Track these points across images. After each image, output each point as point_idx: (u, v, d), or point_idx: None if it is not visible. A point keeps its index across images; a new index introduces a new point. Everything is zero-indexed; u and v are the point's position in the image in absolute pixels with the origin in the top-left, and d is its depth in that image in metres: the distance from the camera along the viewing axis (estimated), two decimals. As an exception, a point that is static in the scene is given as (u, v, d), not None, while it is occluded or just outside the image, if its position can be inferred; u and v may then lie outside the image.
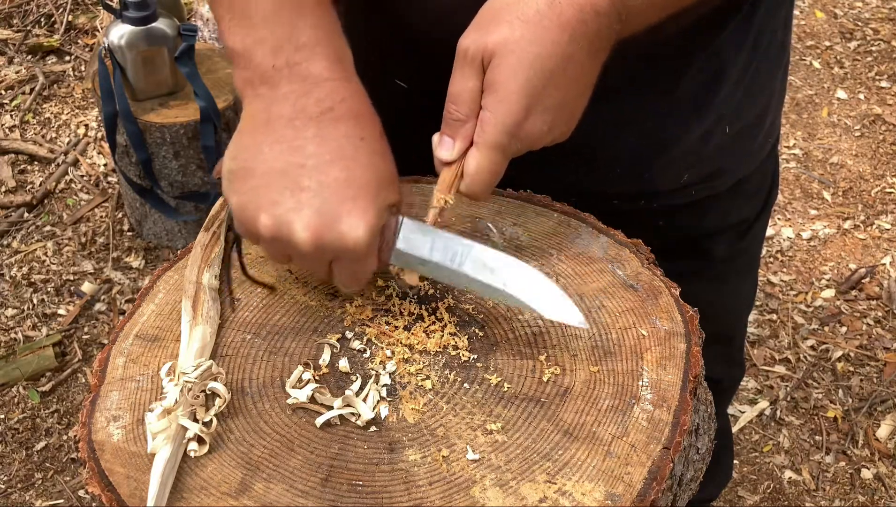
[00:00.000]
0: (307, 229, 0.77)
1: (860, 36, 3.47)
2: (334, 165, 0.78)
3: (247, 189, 0.80)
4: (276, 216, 0.78)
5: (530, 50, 0.78)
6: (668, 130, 1.04)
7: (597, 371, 0.82)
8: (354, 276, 0.83)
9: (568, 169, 1.03)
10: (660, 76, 1.00)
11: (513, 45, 0.77)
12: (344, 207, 0.77)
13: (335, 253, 0.79)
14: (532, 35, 0.77)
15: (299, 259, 0.82)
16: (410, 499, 0.73)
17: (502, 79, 0.78)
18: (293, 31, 0.80)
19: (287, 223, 0.78)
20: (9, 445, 2.16)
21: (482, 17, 0.80)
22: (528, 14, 0.77)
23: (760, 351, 2.38)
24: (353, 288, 0.86)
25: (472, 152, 0.82)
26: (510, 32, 0.78)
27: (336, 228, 0.77)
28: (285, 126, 0.79)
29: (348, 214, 0.77)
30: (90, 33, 3.35)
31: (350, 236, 0.77)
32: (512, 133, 0.80)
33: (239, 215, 0.81)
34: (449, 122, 0.82)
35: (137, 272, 2.55)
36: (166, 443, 0.75)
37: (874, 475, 2.11)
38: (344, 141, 0.79)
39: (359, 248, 0.78)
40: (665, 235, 1.03)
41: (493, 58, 0.78)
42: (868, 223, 2.73)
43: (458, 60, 0.80)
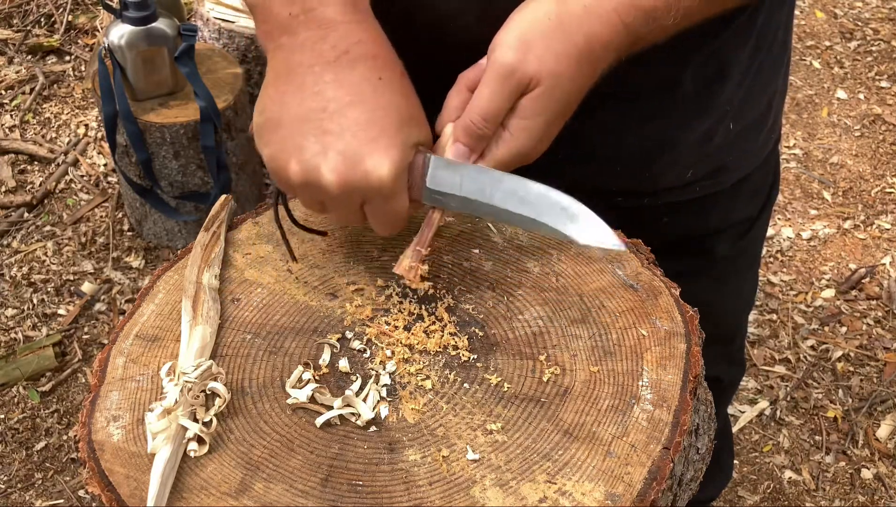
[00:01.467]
0: (333, 172, 0.78)
1: (860, 36, 3.47)
2: (354, 106, 0.79)
3: (275, 140, 0.82)
4: (303, 162, 0.79)
5: (566, 89, 0.80)
6: (672, 128, 1.04)
7: (597, 371, 0.82)
8: (387, 217, 0.83)
9: (571, 167, 1.03)
10: (663, 76, 1.00)
11: (555, 80, 0.79)
12: (367, 147, 0.78)
13: (363, 193, 0.80)
14: (571, 73, 0.80)
15: (331, 204, 0.83)
16: (410, 499, 0.73)
17: (536, 110, 0.81)
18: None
19: (314, 168, 0.79)
20: (9, 445, 2.16)
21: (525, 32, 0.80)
22: (569, 50, 0.79)
23: (760, 351, 2.38)
24: (389, 230, 0.86)
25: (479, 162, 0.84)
26: (556, 66, 0.79)
27: (361, 168, 0.78)
28: (305, 73, 0.80)
29: (371, 153, 0.78)
30: (90, 33, 3.35)
31: (375, 175, 0.78)
32: (521, 157, 0.83)
33: (271, 166, 0.83)
34: (472, 134, 0.82)
35: (137, 272, 2.55)
36: (166, 443, 0.75)
37: (874, 475, 2.11)
38: (362, 82, 0.80)
39: (385, 185, 0.79)
40: (668, 233, 1.03)
41: (537, 87, 0.80)
42: (868, 223, 2.73)
43: (500, 78, 0.79)
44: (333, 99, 0.79)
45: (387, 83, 0.81)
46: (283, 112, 0.81)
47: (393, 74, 0.82)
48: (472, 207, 0.85)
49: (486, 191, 0.83)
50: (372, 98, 0.80)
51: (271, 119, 0.82)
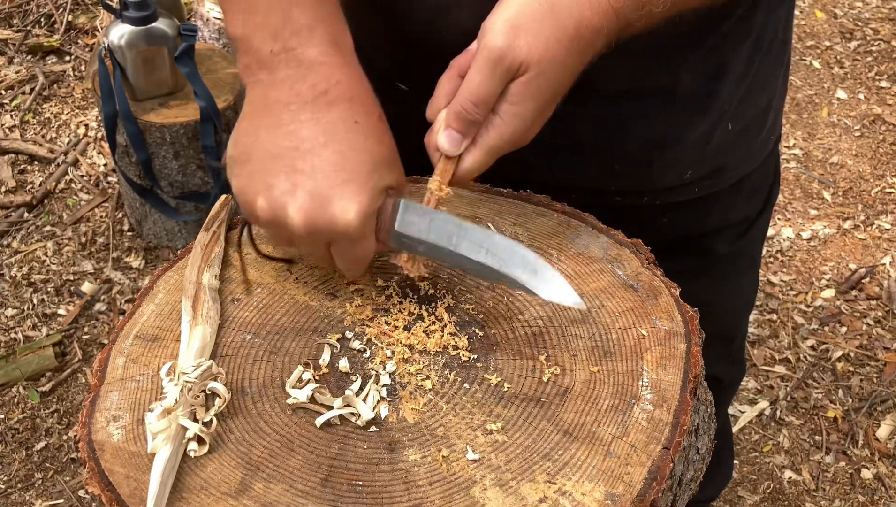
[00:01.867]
0: (300, 212, 0.78)
1: (860, 36, 3.46)
2: (327, 147, 0.79)
3: (245, 173, 0.82)
4: (271, 199, 0.80)
5: (556, 73, 0.80)
6: (671, 127, 1.04)
7: (597, 371, 0.82)
8: (353, 259, 0.84)
9: (570, 167, 1.03)
10: (661, 76, 1.00)
11: (546, 65, 0.79)
12: (336, 189, 0.78)
13: (329, 235, 0.80)
14: (561, 58, 0.79)
15: (297, 241, 0.83)
16: (410, 499, 0.73)
17: (526, 95, 0.80)
18: (289, 16, 0.81)
19: (282, 207, 0.79)
20: (9, 445, 2.16)
21: (515, 17, 0.79)
22: (559, 35, 0.79)
23: (760, 351, 2.38)
24: (353, 272, 0.86)
25: (471, 150, 0.83)
26: (546, 51, 0.78)
27: (328, 210, 0.78)
28: (281, 110, 0.80)
29: (340, 196, 0.78)
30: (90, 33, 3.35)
31: (342, 218, 0.78)
32: (512, 142, 0.83)
33: (239, 199, 0.83)
34: (463, 119, 0.82)
35: (137, 272, 2.55)
36: (166, 443, 0.75)
37: (874, 475, 2.11)
38: (338, 124, 0.80)
39: (350, 230, 0.79)
40: (668, 233, 1.03)
41: (527, 72, 0.79)
42: (868, 223, 2.73)
43: (490, 63, 0.79)
44: (307, 138, 0.79)
45: (362, 127, 0.81)
46: (256, 147, 0.81)
47: (369, 119, 0.82)
48: (438, 254, 0.84)
49: (454, 239, 0.83)
50: (346, 140, 0.80)
51: (243, 153, 0.82)
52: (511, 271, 0.82)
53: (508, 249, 0.83)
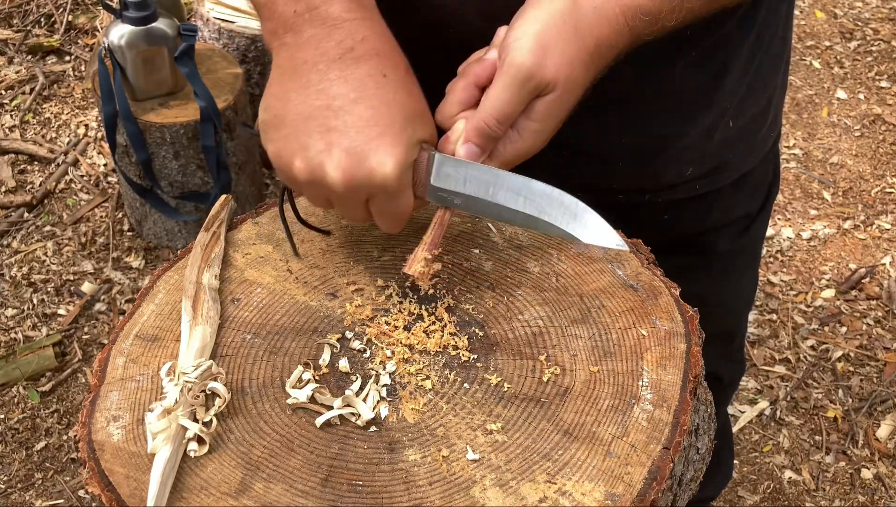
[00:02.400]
0: (338, 169, 0.79)
1: (860, 36, 3.47)
2: (359, 103, 0.79)
3: (279, 137, 0.82)
4: (308, 159, 0.80)
5: (576, 92, 0.81)
6: (672, 125, 1.04)
7: (597, 371, 0.82)
8: (392, 214, 0.84)
9: (571, 165, 1.03)
10: (663, 75, 1.00)
11: (570, 84, 0.80)
12: (371, 144, 0.78)
13: (368, 190, 0.80)
14: (581, 76, 0.81)
15: (336, 200, 0.83)
16: (410, 499, 0.73)
17: (548, 113, 0.81)
18: None
19: (319, 166, 0.79)
20: (9, 445, 2.16)
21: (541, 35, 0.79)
22: (582, 55, 0.80)
23: (760, 351, 2.38)
24: (393, 227, 0.86)
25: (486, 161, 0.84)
26: (570, 71, 0.79)
27: (365, 165, 0.78)
28: (310, 70, 0.80)
29: (376, 150, 0.78)
30: (90, 33, 3.35)
31: (379, 172, 0.78)
32: (525, 157, 0.84)
33: (276, 163, 0.83)
34: (485, 135, 0.82)
35: (137, 272, 2.55)
36: (166, 443, 0.75)
37: (874, 475, 2.11)
38: (367, 79, 0.80)
39: (389, 182, 0.79)
40: (669, 230, 1.03)
41: (552, 92, 0.80)
42: (868, 223, 2.73)
43: (518, 81, 0.79)
44: (338, 96, 0.79)
45: (391, 80, 0.81)
46: (288, 109, 0.81)
47: (398, 71, 0.82)
48: (476, 206, 0.85)
49: (491, 189, 0.84)
50: (377, 95, 0.80)
51: (276, 116, 0.82)
52: (550, 217, 0.83)
53: (546, 195, 0.83)
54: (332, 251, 0.95)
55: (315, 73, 0.80)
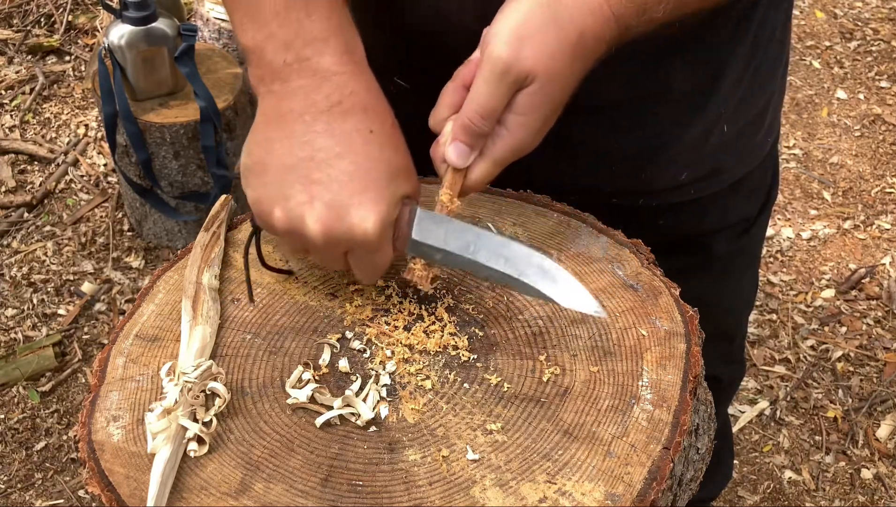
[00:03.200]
0: (318, 222, 0.78)
1: (860, 36, 3.46)
2: (343, 158, 0.79)
3: (261, 184, 0.82)
4: (288, 210, 0.80)
5: (561, 82, 0.80)
6: (667, 129, 1.04)
7: (597, 371, 0.82)
8: (370, 267, 0.84)
9: (567, 169, 1.03)
10: (657, 77, 0.99)
11: (551, 75, 0.79)
12: (354, 199, 0.78)
13: (347, 245, 0.80)
14: (565, 67, 0.79)
15: (314, 251, 0.83)
16: (410, 499, 0.73)
17: (532, 106, 0.80)
18: (302, 27, 0.81)
19: (299, 217, 0.79)
20: (9, 445, 2.16)
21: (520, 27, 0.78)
22: (564, 45, 0.78)
23: (760, 351, 2.38)
24: (370, 279, 0.86)
25: (478, 162, 0.83)
26: (551, 62, 0.78)
27: (346, 220, 0.78)
28: (296, 121, 0.80)
29: (358, 206, 0.78)
30: (90, 33, 3.35)
31: (360, 228, 0.78)
32: (519, 153, 0.83)
33: (255, 210, 0.83)
34: (471, 132, 0.81)
35: (137, 272, 2.55)
36: (166, 443, 0.75)
37: (874, 475, 2.11)
38: (353, 134, 0.80)
39: (369, 239, 0.79)
40: (666, 234, 1.03)
41: (533, 84, 0.79)
42: (868, 223, 2.73)
43: (496, 74, 0.78)
44: (323, 149, 0.79)
45: (377, 136, 0.81)
46: (271, 158, 0.81)
47: (384, 127, 0.82)
48: (455, 262, 0.84)
49: (471, 247, 0.83)
50: (362, 150, 0.80)
51: (258, 163, 0.82)
52: (529, 280, 0.82)
53: (526, 257, 0.83)
54: (332, 251, 0.95)
55: (301, 124, 0.80)
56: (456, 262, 0.84)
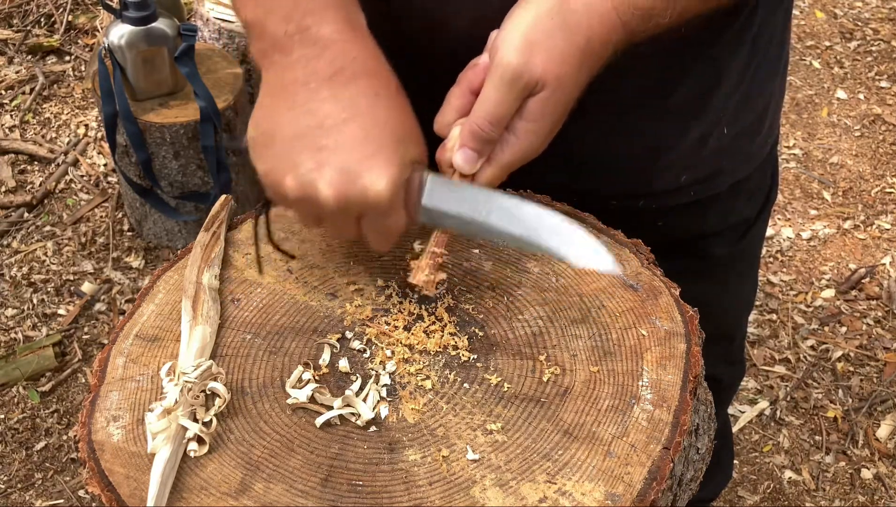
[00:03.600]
0: (330, 187, 0.78)
1: (860, 36, 3.46)
2: (350, 122, 0.79)
3: (270, 155, 0.82)
4: (299, 177, 0.79)
5: (570, 88, 0.80)
6: (666, 133, 1.04)
7: (597, 371, 0.82)
8: (383, 232, 0.83)
9: (566, 171, 1.03)
10: (657, 81, 0.99)
11: (561, 81, 0.79)
12: (364, 162, 0.78)
13: (360, 208, 0.80)
14: (574, 72, 0.80)
15: (328, 218, 0.83)
16: (410, 499, 0.73)
17: (542, 112, 0.80)
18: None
19: (311, 183, 0.79)
20: (9, 445, 2.16)
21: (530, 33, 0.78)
22: (572, 50, 0.79)
23: (760, 351, 2.38)
24: (383, 246, 0.86)
25: (486, 167, 0.83)
26: (561, 68, 0.78)
27: (358, 183, 0.78)
28: (300, 90, 0.80)
29: (369, 169, 0.78)
30: (90, 33, 3.35)
31: (372, 190, 0.78)
32: (526, 159, 0.83)
33: (266, 181, 0.83)
34: (479, 138, 0.81)
35: (137, 272, 2.55)
36: (166, 443, 0.75)
37: (874, 475, 2.11)
38: (359, 99, 0.80)
39: (382, 201, 0.79)
40: (665, 236, 1.03)
41: (543, 90, 0.79)
42: (868, 223, 2.73)
43: (506, 81, 0.78)
44: (329, 115, 0.79)
45: (383, 100, 0.81)
46: (277, 128, 0.81)
47: (389, 91, 0.82)
48: (467, 227, 0.84)
49: (482, 210, 0.83)
50: (369, 114, 0.79)
51: (265, 134, 0.82)
52: (542, 240, 0.82)
53: (538, 217, 0.82)
54: (332, 251, 0.95)
55: (305, 92, 0.80)
56: (468, 226, 0.84)
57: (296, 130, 0.80)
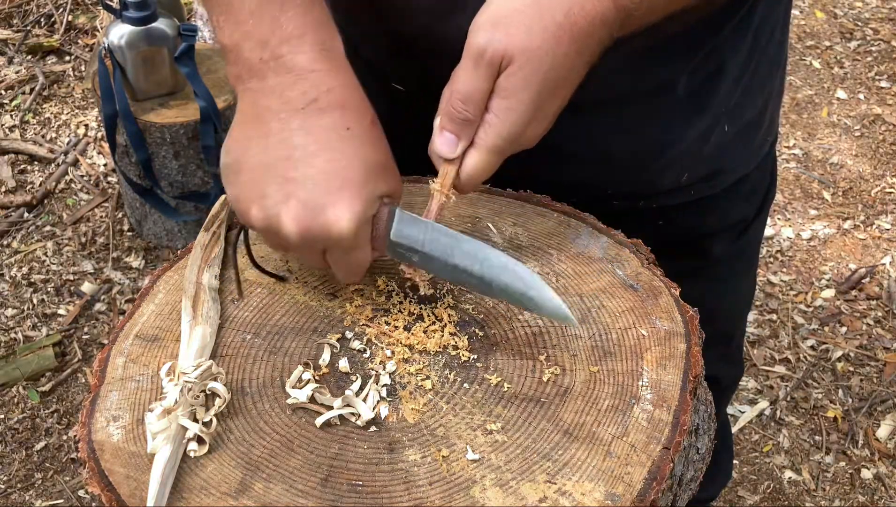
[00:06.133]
0: (294, 221, 0.78)
1: (860, 36, 3.46)
2: (319, 156, 0.79)
3: (238, 182, 0.82)
4: (265, 208, 0.80)
5: (545, 61, 0.78)
6: (668, 130, 1.04)
7: (597, 371, 0.82)
8: (348, 267, 0.84)
9: (567, 170, 1.03)
10: (659, 79, 0.99)
11: (531, 53, 0.77)
12: (330, 197, 0.78)
13: (323, 243, 0.80)
14: (548, 46, 0.77)
15: (292, 250, 0.83)
16: (410, 499, 0.73)
17: (515, 87, 0.78)
18: (277, 24, 0.80)
19: (275, 216, 0.79)
20: (9, 445, 2.16)
21: (496, 12, 0.78)
22: (546, 23, 0.77)
23: (760, 351, 2.38)
24: (349, 279, 0.86)
25: (471, 152, 0.82)
26: (529, 40, 0.77)
27: (321, 218, 0.78)
28: (272, 119, 0.80)
29: (333, 204, 0.78)
30: (90, 33, 3.35)
31: (336, 227, 0.78)
32: (513, 139, 0.81)
33: (235, 208, 0.84)
34: (455, 119, 0.80)
35: (137, 272, 2.55)
36: (166, 443, 0.75)
37: (874, 475, 2.11)
38: (330, 132, 0.80)
39: (344, 237, 0.79)
40: (664, 235, 1.03)
41: (511, 64, 0.78)
42: (868, 223, 2.73)
43: (472, 59, 0.78)
44: (299, 147, 0.79)
45: (355, 134, 0.80)
46: (248, 156, 0.81)
47: (362, 125, 0.81)
48: (432, 265, 0.84)
49: (449, 250, 0.82)
50: (338, 148, 0.79)
51: (236, 162, 0.82)
52: (506, 284, 0.82)
53: (502, 265, 0.82)
54: (332, 251, 0.95)
55: (277, 122, 0.80)
56: (433, 265, 0.84)
57: (264, 160, 0.80)
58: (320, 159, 0.79)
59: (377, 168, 0.81)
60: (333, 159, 0.79)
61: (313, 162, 0.79)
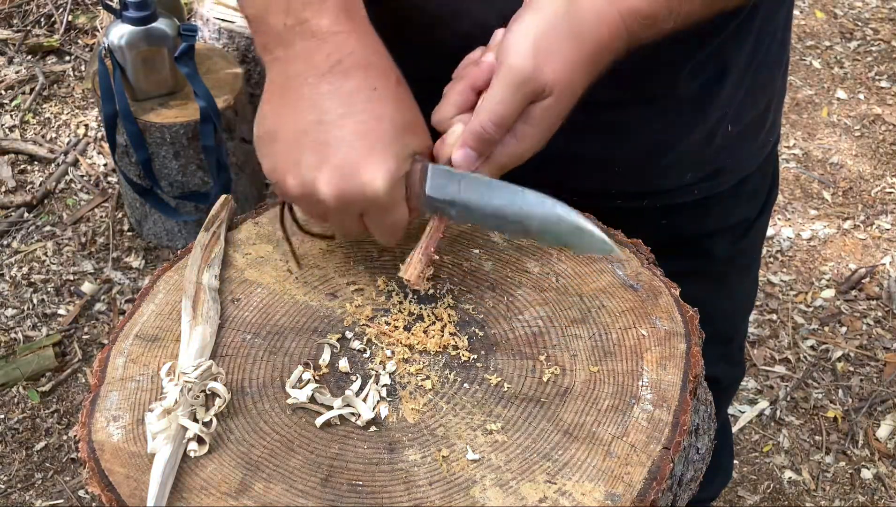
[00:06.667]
0: (329, 185, 0.79)
1: (860, 36, 3.46)
2: (349, 118, 0.79)
3: (273, 152, 0.82)
4: (300, 176, 0.80)
5: (574, 95, 0.81)
6: (671, 131, 1.04)
7: (597, 371, 0.82)
8: (387, 227, 0.84)
9: (570, 170, 1.03)
10: (662, 80, 1.00)
11: (566, 88, 0.79)
12: (362, 159, 0.78)
13: (360, 205, 0.80)
14: (580, 79, 0.80)
15: (330, 215, 0.83)
16: (410, 499, 0.73)
17: (545, 118, 0.80)
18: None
19: (311, 182, 0.79)
20: (9, 445, 2.16)
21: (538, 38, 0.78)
22: (581, 58, 0.79)
23: (760, 351, 2.37)
24: (389, 240, 0.86)
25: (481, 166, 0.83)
26: (567, 76, 0.79)
27: (356, 180, 0.78)
28: (301, 85, 0.81)
29: (367, 165, 0.78)
30: (90, 33, 3.35)
31: (371, 187, 0.78)
32: (521, 160, 0.83)
33: (271, 178, 0.83)
34: (481, 139, 0.81)
35: (137, 272, 2.55)
36: (166, 443, 0.75)
37: (874, 475, 2.11)
38: (356, 93, 0.80)
39: (380, 197, 0.79)
40: (666, 235, 1.03)
41: (549, 97, 0.79)
42: (868, 223, 2.73)
43: (513, 85, 0.78)
44: (329, 110, 0.79)
45: (381, 93, 0.81)
46: (280, 125, 0.81)
47: (388, 84, 0.82)
48: (470, 215, 0.84)
49: (485, 197, 0.83)
50: (366, 109, 0.80)
51: (269, 131, 0.82)
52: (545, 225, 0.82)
53: (539, 204, 0.82)
54: (331, 251, 0.95)
55: (306, 87, 0.80)
56: (471, 214, 0.84)
57: (297, 127, 0.80)
58: (349, 121, 0.79)
59: (406, 126, 0.81)
60: (362, 120, 0.79)
61: (344, 124, 0.79)
